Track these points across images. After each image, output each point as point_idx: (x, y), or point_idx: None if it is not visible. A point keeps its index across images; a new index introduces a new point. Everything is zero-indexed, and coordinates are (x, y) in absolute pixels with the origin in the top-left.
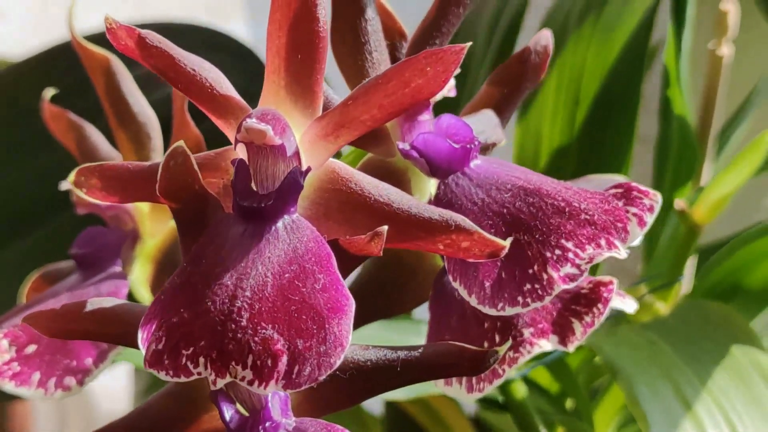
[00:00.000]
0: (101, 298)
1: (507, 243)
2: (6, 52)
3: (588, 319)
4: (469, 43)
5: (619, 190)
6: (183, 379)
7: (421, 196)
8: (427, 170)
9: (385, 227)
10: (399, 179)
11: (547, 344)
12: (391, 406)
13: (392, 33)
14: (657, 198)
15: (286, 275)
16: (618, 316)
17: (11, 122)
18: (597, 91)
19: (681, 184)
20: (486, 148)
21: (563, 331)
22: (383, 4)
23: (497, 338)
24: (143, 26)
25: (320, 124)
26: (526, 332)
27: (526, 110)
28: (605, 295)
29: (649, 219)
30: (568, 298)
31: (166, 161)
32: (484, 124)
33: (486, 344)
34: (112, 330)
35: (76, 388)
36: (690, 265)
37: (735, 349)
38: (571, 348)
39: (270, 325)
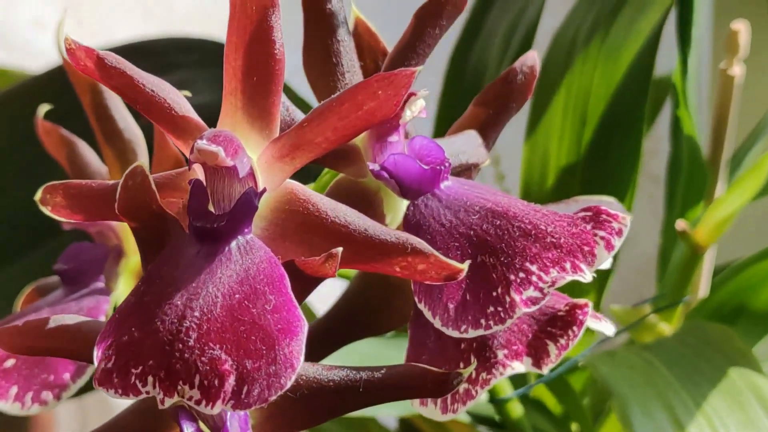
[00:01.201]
0: (63, 315)
1: (464, 266)
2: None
3: (563, 341)
4: (420, 67)
5: (588, 213)
6: (132, 398)
7: (393, 216)
8: (397, 191)
9: (340, 249)
10: (370, 200)
11: (520, 366)
12: (404, 421)
13: (375, 53)
14: (626, 221)
15: (237, 296)
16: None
17: (26, 137)
18: (603, 112)
19: (692, 204)
20: (468, 169)
21: (538, 353)
22: (366, 23)
23: (473, 359)
24: (151, 41)
25: (276, 146)
26: (500, 354)
27: (534, 129)
28: (580, 317)
29: (617, 242)
30: (545, 320)
31: (124, 181)
32: (465, 144)
33: (462, 365)
34: (74, 347)
35: (53, 402)
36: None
37: (732, 372)
38: (545, 370)
39: (218, 346)
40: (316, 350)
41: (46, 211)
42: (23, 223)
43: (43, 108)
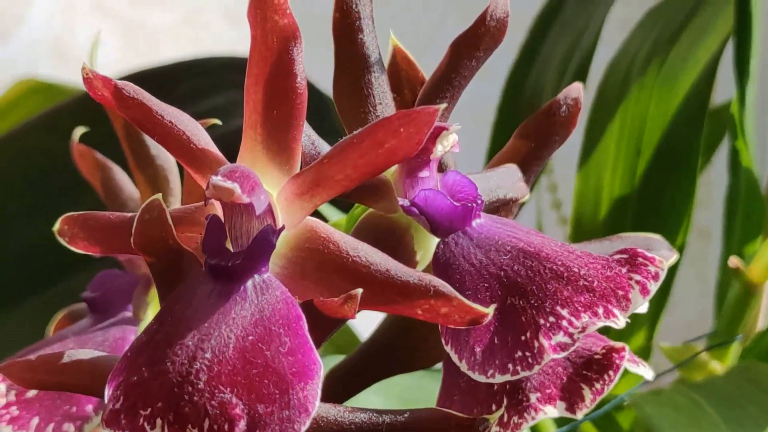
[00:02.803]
0: (78, 350)
1: (489, 311)
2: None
3: (598, 386)
4: (444, 105)
5: (624, 256)
6: None
7: (424, 253)
8: (428, 227)
9: (359, 290)
10: (401, 235)
11: (553, 411)
12: None
13: (414, 83)
14: (663, 265)
15: (250, 337)
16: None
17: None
18: (659, 142)
19: (750, 238)
20: (506, 204)
21: (572, 398)
22: (404, 52)
23: (505, 401)
24: (200, 60)
25: (296, 182)
26: (533, 397)
27: (587, 158)
28: (617, 361)
29: (653, 287)
30: (581, 363)
31: (141, 214)
32: (503, 179)
33: (494, 407)
34: (88, 383)
35: None
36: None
37: None
38: (579, 415)
39: (228, 389)
40: (349, 385)
41: (63, 242)
42: (62, 246)
43: (79, 131)
